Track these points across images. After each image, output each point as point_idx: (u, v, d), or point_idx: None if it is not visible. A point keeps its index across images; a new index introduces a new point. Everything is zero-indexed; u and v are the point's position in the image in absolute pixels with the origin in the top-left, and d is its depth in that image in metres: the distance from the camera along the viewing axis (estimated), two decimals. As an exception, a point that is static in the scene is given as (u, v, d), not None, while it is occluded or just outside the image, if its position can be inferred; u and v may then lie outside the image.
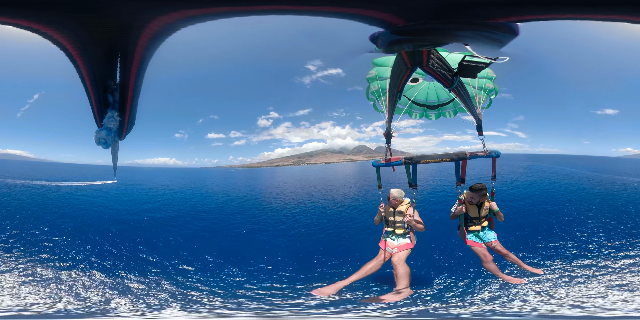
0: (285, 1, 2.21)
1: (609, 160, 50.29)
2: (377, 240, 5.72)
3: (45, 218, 11.17)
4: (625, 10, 2.12)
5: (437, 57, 3.89)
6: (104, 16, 2.20)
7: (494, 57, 3.71)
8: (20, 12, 2.05)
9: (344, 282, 5.17)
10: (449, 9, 2.23)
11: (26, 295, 5.60)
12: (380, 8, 2.23)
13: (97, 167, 42.72)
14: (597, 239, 8.35)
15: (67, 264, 7.31)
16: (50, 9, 2.07)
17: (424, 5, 2.23)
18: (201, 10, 2.17)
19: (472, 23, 2.38)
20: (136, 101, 2.97)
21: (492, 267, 5.41)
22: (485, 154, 5.28)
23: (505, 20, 2.35)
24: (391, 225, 5.64)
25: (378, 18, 2.31)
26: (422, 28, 2.42)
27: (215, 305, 5.50)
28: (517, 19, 2.34)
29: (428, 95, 6.32)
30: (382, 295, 5.04)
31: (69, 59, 2.46)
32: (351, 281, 5.18)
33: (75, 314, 4.99)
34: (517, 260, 5.65)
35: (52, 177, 26.58)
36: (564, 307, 4.77)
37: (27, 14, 2.07)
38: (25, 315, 4.84)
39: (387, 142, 5.48)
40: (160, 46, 2.56)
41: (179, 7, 2.14)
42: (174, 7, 2.14)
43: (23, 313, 4.89)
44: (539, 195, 14.06)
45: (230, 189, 23.63)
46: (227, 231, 11.08)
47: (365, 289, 5.94)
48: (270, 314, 5.15)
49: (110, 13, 2.18)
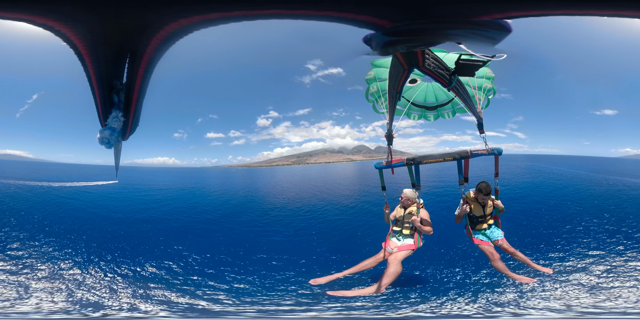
0: (283, 6, 2.30)
1: (608, 160, 50.35)
2: (383, 240, 5.73)
3: (50, 220, 11.14)
4: (621, 5, 2.16)
5: (432, 57, 3.90)
6: (124, 16, 2.26)
7: (492, 55, 3.72)
8: (38, 7, 2.10)
9: (338, 274, 5.53)
10: (430, 7, 2.28)
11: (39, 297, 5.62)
12: (366, 11, 2.30)
13: (97, 167, 42.61)
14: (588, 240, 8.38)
15: (84, 266, 7.34)
16: (70, 4, 2.12)
17: (402, 6, 2.28)
18: (219, 14, 2.25)
19: (461, 22, 2.42)
20: (141, 102, 3.01)
21: (500, 265, 5.36)
22: (487, 152, 5.25)
23: (502, 16, 2.38)
24: (399, 225, 5.60)
25: (366, 21, 2.38)
26: (410, 28, 2.47)
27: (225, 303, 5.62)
28: (501, 16, 2.38)
29: (426, 97, 6.34)
30: (348, 290, 5.38)
31: (77, 57, 2.51)
32: (345, 274, 5.51)
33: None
34: (526, 258, 5.61)
35: (54, 177, 26.42)
36: (571, 307, 4.74)
37: (45, 9, 2.11)
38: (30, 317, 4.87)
39: (389, 144, 5.47)
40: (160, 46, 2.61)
41: (201, 11, 2.23)
42: (196, 11, 2.23)
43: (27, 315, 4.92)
44: (537, 194, 14.21)
45: (237, 190, 23.15)
46: (244, 234, 10.95)
47: (356, 284, 5.98)
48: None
49: (132, 13, 2.23)
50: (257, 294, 5.97)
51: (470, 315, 4.83)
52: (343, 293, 5.27)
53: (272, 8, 2.29)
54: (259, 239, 10.13)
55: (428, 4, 2.23)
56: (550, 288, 5.34)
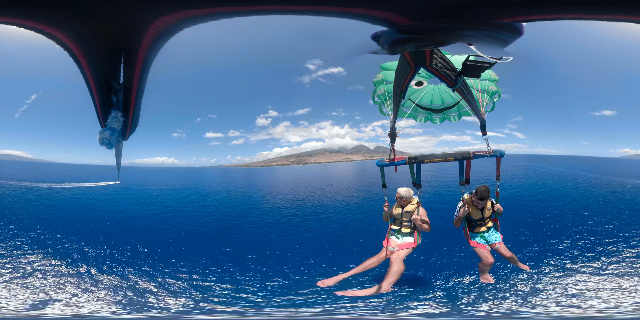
0: (287, 1, 2.21)
1: (606, 160, 50.56)
2: (383, 238, 5.74)
3: (56, 222, 11.05)
4: (630, 10, 2.11)
5: (440, 56, 3.86)
6: (108, 16, 2.19)
7: (498, 57, 3.67)
8: (25, 12, 2.04)
9: (344, 275, 5.56)
10: (453, 8, 2.21)
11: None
12: (384, 7, 2.20)
13: (96, 167, 42.58)
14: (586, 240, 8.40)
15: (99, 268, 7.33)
16: (55, 9, 2.05)
17: (429, 4, 2.20)
18: (202, 11, 2.16)
19: (476, 22, 2.35)
20: (140, 102, 2.94)
21: (484, 269, 5.57)
22: (490, 154, 5.20)
23: (511, 20, 2.32)
24: (398, 223, 5.63)
25: (382, 17, 2.28)
26: (427, 27, 2.39)
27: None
28: (522, 19, 2.31)
29: (433, 99, 6.29)
30: (355, 290, 5.45)
31: (72, 59, 2.44)
32: (350, 274, 5.55)
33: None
34: (518, 263, 5.71)
35: (55, 178, 26.33)
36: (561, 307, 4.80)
37: (32, 14, 2.06)
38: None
39: (392, 142, 5.43)
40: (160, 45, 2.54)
41: (181, 8, 2.14)
42: (175, 8, 2.13)
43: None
44: (536, 193, 14.29)
45: (245, 191, 22.99)
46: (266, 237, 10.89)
47: (363, 284, 6.05)
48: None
49: (115, 13, 2.16)
50: (262, 297, 6.00)
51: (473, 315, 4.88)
52: (352, 293, 5.35)
53: (274, 3, 2.19)
54: (287, 240, 9.98)
55: (454, 4, 2.15)
56: (552, 288, 5.44)
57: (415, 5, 2.20)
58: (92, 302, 5.58)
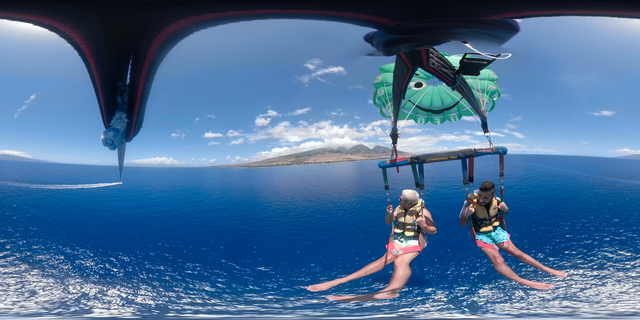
0: (284, 6, 2.27)
1: (605, 160, 50.45)
2: (386, 242, 5.55)
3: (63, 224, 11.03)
4: (629, 6, 2.12)
5: (436, 55, 3.86)
6: (126, 16, 2.24)
7: (496, 54, 3.67)
8: (44, 8, 2.07)
9: (341, 279, 5.17)
10: (435, 6, 2.23)
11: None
12: (367, 10, 2.25)
13: (96, 167, 42.44)
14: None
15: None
16: (76, 5, 2.09)
17: (408, 4, 2.23)
18: (217, 14, 2.23)
19: (468, 20, 2.38)
20: (144, 103, 2.98)
21: (505, 270, 4.99)
22: (492, 151, 5.15)
23: (505, 17, 2.34)
24: (401, 226, 5.44)
25: (368, 20, 2.33)
26: (414, 27, 2.42)
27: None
28: (514, 15, 2.32)
29: (432, 100, 6.31)
30: (356, 295, 5.03)
31: (81, 59, 2.48)
32: (349, 279, 5.14)
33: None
34: (534, 261, 5.29)
35: (56, 179, 26.21)
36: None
37: (53, 11, 2.09)
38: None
39: (394, 143, 5.38)
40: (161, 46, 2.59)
41: (199, 11, 2.21)
42: (194, 11, 2.20)
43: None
44: (534, 193, 14.32)
45: (253, 193, 22.46)
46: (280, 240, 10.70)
47: (362, 288, 5.76)
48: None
49: (133, 13, 2.21)
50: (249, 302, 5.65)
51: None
52: (349, 299, 4.86)
53: (269, 7, 2.26)
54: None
55: (437, 2, 2.19)
56: (565, 293, 4.81)
57: (391, 5, 2.22)
58: (106, 303, 5.50)
